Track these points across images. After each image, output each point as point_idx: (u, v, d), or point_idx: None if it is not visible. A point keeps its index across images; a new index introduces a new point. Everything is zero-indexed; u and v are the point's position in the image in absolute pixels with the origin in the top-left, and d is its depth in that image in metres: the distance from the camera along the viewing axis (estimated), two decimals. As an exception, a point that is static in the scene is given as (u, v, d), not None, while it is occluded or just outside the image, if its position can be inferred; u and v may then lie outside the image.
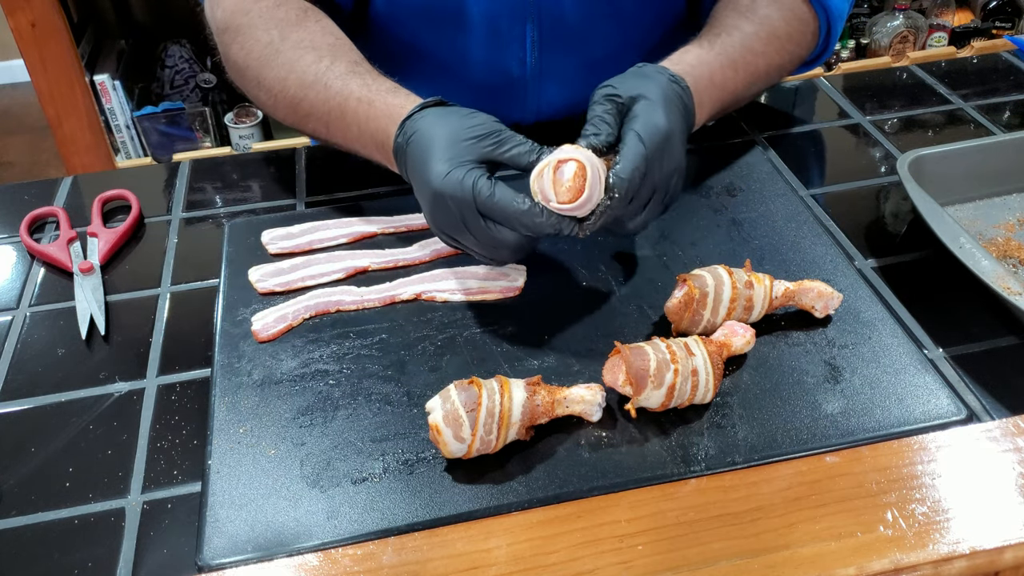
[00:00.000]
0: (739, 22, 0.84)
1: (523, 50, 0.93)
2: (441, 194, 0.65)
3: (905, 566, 0.55)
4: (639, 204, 0.68)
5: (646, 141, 0.66)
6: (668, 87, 0.71)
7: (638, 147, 0.66)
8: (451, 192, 0.65)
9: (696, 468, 0.60)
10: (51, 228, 0.88)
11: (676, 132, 0.69)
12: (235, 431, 0.64)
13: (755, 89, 0.86)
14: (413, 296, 0.75)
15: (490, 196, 0.64)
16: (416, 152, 0.68)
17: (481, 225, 0.65)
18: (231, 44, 0.85)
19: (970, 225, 0.82)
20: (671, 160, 0.68)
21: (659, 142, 0.67)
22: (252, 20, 0.83)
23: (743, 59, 0.82)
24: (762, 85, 0.87)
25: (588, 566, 0.55)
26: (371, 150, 0.77)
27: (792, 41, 0.86)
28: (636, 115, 0.68)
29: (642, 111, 0.68)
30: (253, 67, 0.83)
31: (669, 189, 0.70)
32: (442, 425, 0.59)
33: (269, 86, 0.82)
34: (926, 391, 0.65)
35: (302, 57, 0.80)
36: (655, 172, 0.67)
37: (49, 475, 0.63)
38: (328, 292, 0.75)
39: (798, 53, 0.88)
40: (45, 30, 1.85)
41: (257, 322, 0.73)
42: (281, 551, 0.56)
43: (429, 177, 0.66)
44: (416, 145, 0.68)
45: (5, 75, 3.14)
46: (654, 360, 0.62)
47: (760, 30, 0.84)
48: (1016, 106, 1.01)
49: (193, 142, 2.19)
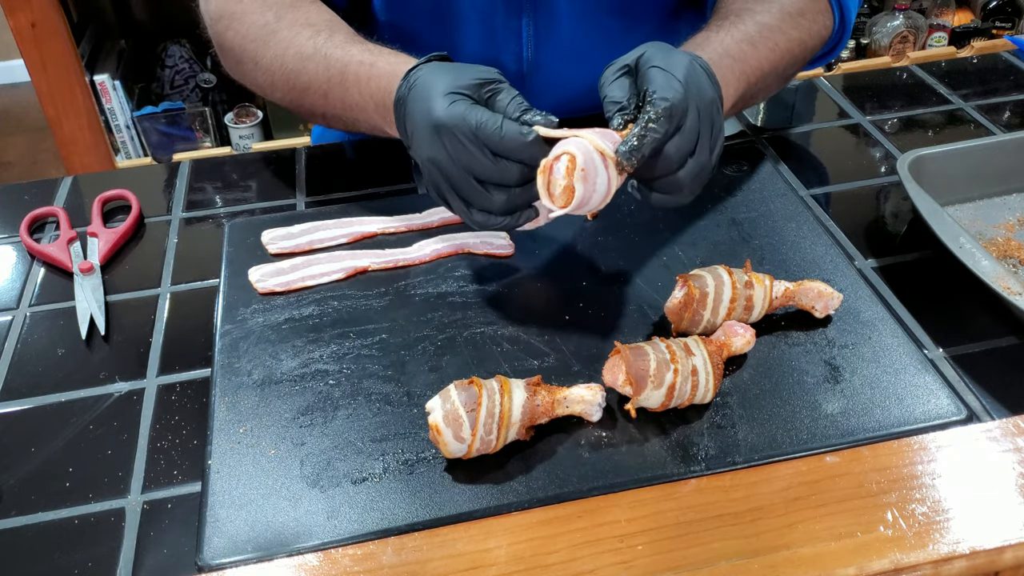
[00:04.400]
0: (747, 5, 0.83)
1: (519, 45, 0.93)
2: (444, 125, 0.63)
3: (905, 566, 0.55)
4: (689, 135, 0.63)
5: (669, 69, 0.63)
6: (678, 52, 0.68)
7: (663, 76, 0.63)
8: (455, 121, 0.63)
9: (696, 468, 0.60)
10: (51, 228, 0.88)
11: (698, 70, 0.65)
12: (235, 431, 0.64)
13: (779, 70, 0.82)
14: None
15: (496, 127, 0.62)
16: (419, 94, 0.67)
17: (482, 158, 0.63)
18: (226, 31, 0.85)
19: (970, 225, 0.82)
20: (705, 91, 0.65)
21: (686, 72, 0.64)
22: (245, 6, 0.84)
23: (760, 35, 0.80)
24: (786, 66, 0.83)
25: (588, 566, 0.55)
26: (370, 112, 0.76)
27: (805, 16, 0.84)
28: (646, 59, 0.65)
29: (650, 53, 0.65)
30: (249, 49, 0.83)
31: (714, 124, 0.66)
32: (442, 425, 0.59)
33: (267, 65, 0.82)
34: (926, 391, 0.65)
35: (299, 34, 0.80)
36: (693, 95, 0.63)
37: (49, 475, 0.63)
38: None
39: (815, 29, 0.86)
40: (45, 30, 1.85)
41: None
42: (281, 551, 0.56)
43: (432, 108, 0.64)
44: (419, 88, 0.67)
45: (5, 75, 3.14)
46: (654, 360, 0.62)
47: (771, 7, 0.82)
48: (1016, 106, 1.01)
49: (193, 142, 2.19)
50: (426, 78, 0.68)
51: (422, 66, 0.70)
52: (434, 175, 0.67)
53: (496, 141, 0.63)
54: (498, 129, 0.62)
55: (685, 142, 0.64)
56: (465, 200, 0.67)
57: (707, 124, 0.65)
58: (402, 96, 0.70)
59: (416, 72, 0.69)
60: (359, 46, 0.77)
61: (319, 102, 0.80)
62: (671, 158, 0.63)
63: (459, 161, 0.64)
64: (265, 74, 0.83)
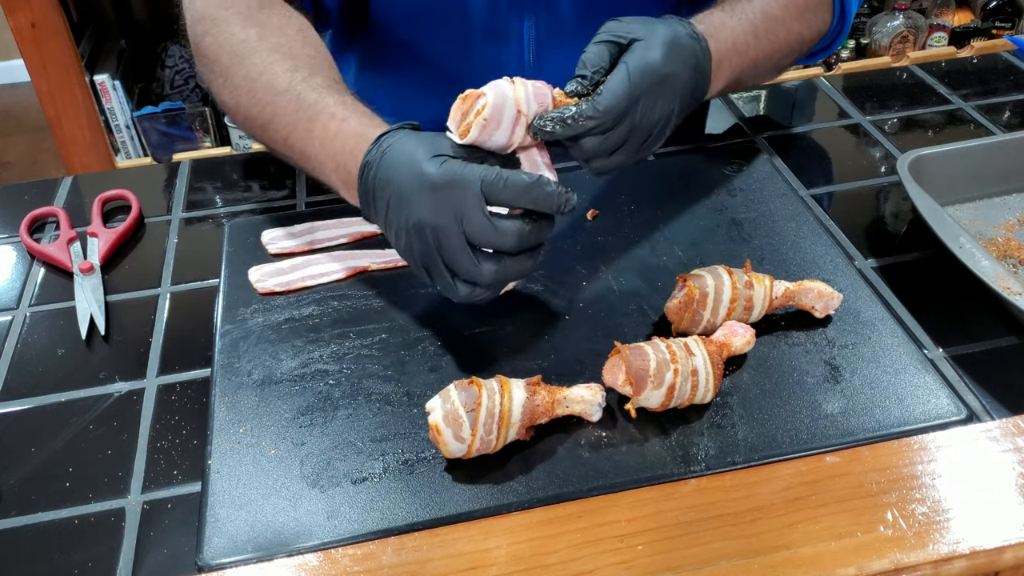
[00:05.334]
0: None
1: (520, 45, 0.93)
2: (442, 184, 0.61)
3: (905, 566, 0.55)
4: (613, 141, 0.65)
5: (633, 77, 0.64)
6: (681, 33, 0.69)
7: (623, 82, 0.64)
8: (454, 179, 0.60)
9: (696, 468, 0.60)
10: (51, 228, 0.88)
11: (674, 77, 0.66)
12: (235, 431, 0.64)
13: (773, 61, 0.83)
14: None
15: (497, 174, 0.61)
16: (397, 159, 0.64)
17: (482, 218, 0.61)
18: (204, 35, 0.81)
19: (970, 225, 0.82)
20: (662, 106, 0.65)
21: (650, 83, 0.64)
22: (230, 15, 0.80)
23: (764, 26, 0.80)
24: (782, 57, 0.84)
25: (588, 566, 0.55)
26: (327, 171, 0.72)
27: (809, 10, 0.84)
28: (633, 51, 0.66)
29: (640, 48, 0.66)
30: (223, 62, 0.79)
31: (651, 135, 0.67)
32: (442, 425, 0.59)
33: (235, 84, 0.77)
34: (926, 391, 0.65)
35: (278, 63, 0.76)
36: (637, 113, 0.65)
37: (49, 475, 0.63)
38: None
39: (816, 23, 0.86)
40: (45, 30, 1.85)
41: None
42: (281, 551, 0.56)
43: (424, 171, 0.61)
44: (396, 153, 0.64)
45: (5, 75, 3.14)
46: (654, 360, 0.62)
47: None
48: (1016, 106, 1.01)
49: (193, 142, 2.19)
50: (403, 144, 0.64)
51: (394, 132, 0.66)
52: (420, 242, 0.63)
53: (499, 188, 0.60)
54: (499, 176, 0.60)
55: (605, 145, 0.66)
56: (451, 270, 0.63)
57: (640, 135, 0.67)
58: (371, 162, 0.66)
59: (388, 138, 0.66)
60: (335, 96, 0.72)
61: (278, 140, 0.76)
62: (584, 150, 0.66)
63: (458, 222, 0.61)
64: (232, 94, 0.78)
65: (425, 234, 0.62)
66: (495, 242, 0.62)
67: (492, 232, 0.61)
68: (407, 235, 0.64)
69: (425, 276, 0.65)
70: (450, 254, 0.62)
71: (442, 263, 0.63)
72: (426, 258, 0.64)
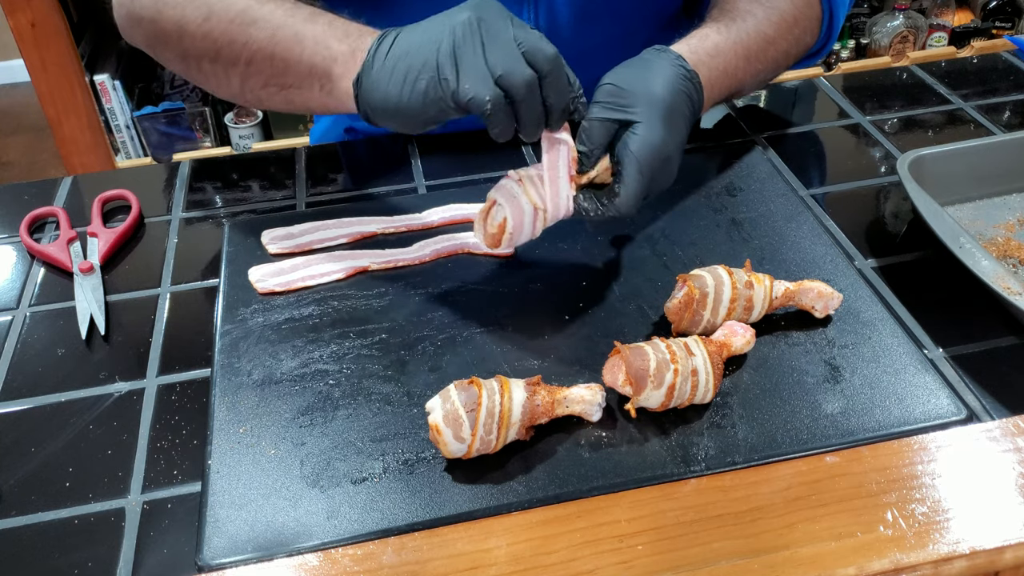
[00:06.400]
0: (751, 7, 0.83)
1: None
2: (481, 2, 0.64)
3: (905, 566, 0.55)
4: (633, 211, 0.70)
5: (644, 170, 0.67)
6: (676, 86, 0.71)
7: (637, 181, 0.67)
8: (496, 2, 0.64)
9: (696, 468, 0.60)
10: (51, 228, 0.88)
11: (675, 150, 0.70)
12: (235, 431, 0.64)
13: (760, 79, 0.86)
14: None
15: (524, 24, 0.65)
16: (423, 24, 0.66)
17: (512, 28, 0.63)
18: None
19: (970, 225, 0.82)
20: (666, 176, 0.70)
21: (660, 162, 0.68)
22: None
23: (756, 47, 0.82)
24: (768, 74, 0.86)
25: (588, 566, 0.55)
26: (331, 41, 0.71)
27: (799, 26, 0.86)
28: (636, 135, 0.68)
29: (643, 130, 0.68)
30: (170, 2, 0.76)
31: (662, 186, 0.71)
32: (442, 425, 0.59)
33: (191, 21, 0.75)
34: (926, 391, 0.65)
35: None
36: (651, 190, 0.70)
37: (49, 475, 0.63)
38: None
39: (804, 40, 0.88)
40: (45, 30, 1.85)
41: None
42: (281, 551, 0.56)
43: (457, 10, 0.64)
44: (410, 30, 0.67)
45: (5, 75, 3.14)
46: (654, 360, 0.62)
47: (771, 14, 0.83)
48: (1016, 106, 1.01)
49: (193, 142, 2.19)
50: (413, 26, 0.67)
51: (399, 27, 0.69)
52: (465, 30, 0.63)
53: (527, 30, 0.63)
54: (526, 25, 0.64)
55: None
56: (459, 60, 0.63)
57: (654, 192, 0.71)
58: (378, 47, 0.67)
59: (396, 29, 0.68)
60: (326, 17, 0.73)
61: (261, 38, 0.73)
62: None
63: (508, 17, 0.63)
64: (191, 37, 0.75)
65: (472, 22, 0.63)
66: (540, 45, 0.63)
67: (536, 36, 0.63)
68: (449, 32, 0.63)
69: (451, 71, 0.62)
70: (494, 37, 0.62)
71: (482, 50, 0.62)
72: (462, 48, 0.62)
